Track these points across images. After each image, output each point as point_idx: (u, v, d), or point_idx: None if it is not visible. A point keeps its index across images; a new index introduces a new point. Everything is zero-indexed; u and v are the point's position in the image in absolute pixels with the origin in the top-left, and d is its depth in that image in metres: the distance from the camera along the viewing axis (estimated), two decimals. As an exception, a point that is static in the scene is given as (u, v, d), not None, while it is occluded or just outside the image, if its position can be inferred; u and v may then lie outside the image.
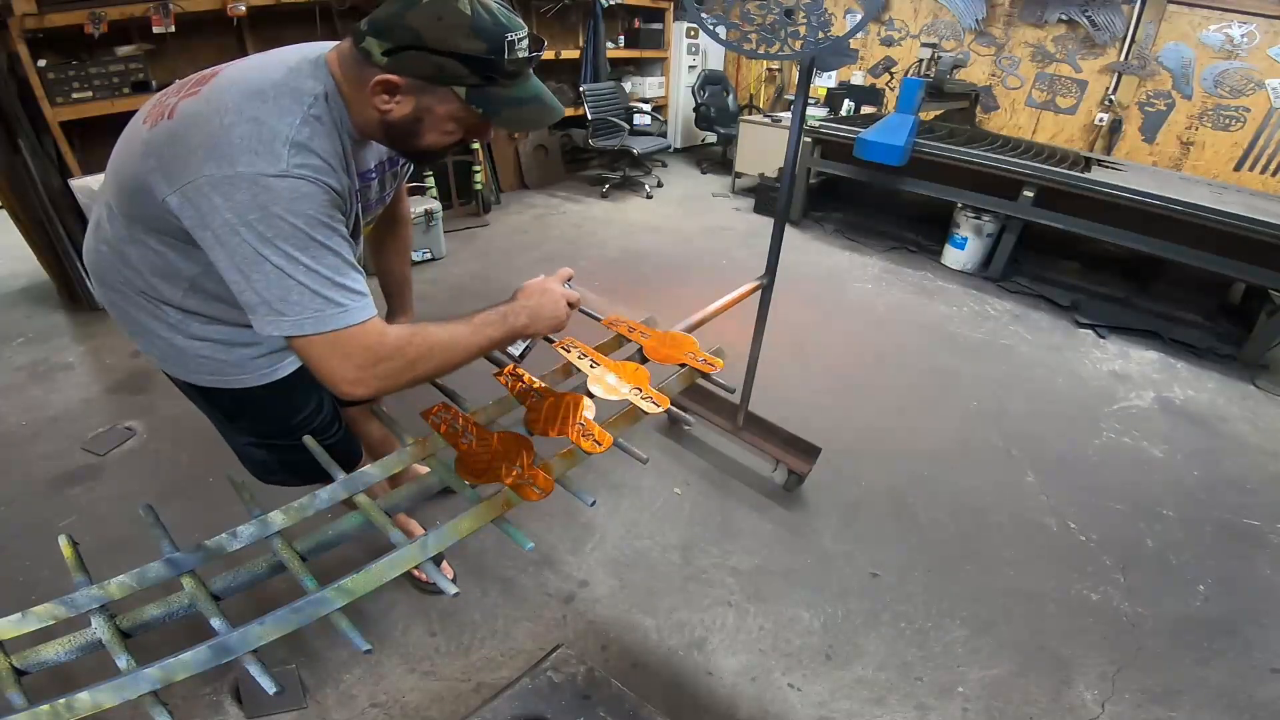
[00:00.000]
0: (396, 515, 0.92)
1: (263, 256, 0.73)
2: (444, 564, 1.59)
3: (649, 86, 6.05)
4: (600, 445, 0.91)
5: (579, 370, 1.10)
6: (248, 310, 0.78)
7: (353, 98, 0.81)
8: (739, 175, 5.25)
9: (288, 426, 1.14)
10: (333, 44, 0.85)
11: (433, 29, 0.73)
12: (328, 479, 0.91)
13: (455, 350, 0.88)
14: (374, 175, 0.99)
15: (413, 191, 3.84)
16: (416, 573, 1.51)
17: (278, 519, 0.83)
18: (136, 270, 0.90)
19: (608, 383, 1.04)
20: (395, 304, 1.46)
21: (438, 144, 0.86)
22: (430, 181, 4.00)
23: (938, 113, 4.74)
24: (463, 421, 0.96)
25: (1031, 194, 3.49)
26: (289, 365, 1.08)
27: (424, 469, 1.03)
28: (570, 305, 1.03)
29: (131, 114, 0.91)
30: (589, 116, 4.90)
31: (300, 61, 0.81)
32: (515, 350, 1.05)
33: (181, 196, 0.74)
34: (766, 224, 3.27)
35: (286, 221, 0.73)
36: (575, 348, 1.13)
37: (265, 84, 0.77)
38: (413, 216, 3.48)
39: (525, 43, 0.79)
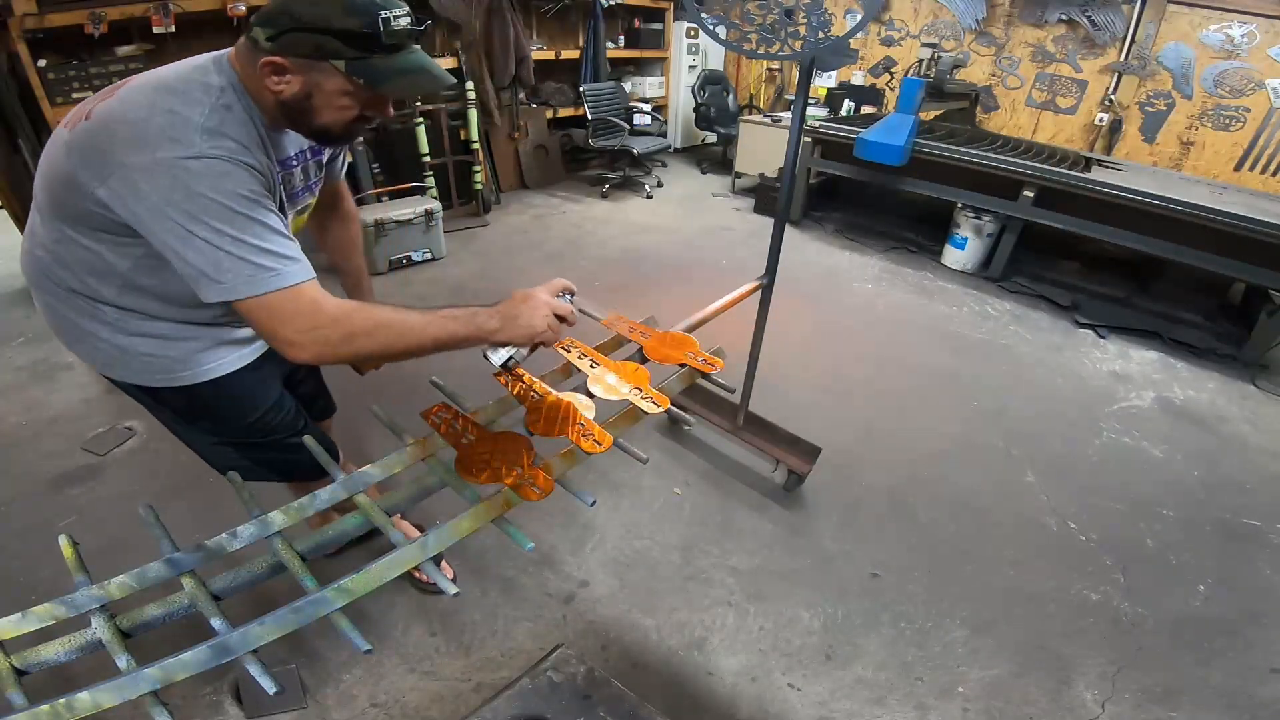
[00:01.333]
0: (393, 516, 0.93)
1: (191, 233, 0.78)
2: (443, 564, 1.59)
3: (649, 86, 6.05)
4: (600, 445, 0.91)
5: (579, 370, 1.10)
6: (190, 283, 0.82)
7: (253, 86, 0.87)
8: (739, 175, 5.25)
9: (248, 423, 1.16)
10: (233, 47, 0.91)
11: (308, 11, 0.80)
12: (315, 476, 0.92)
13: (403, 334, 0.88)
14: (295, 163, 1.02)
15: (413, 191, 3.84)
16: (417, 573, 1.51)
17: (278, 519, 0.83)
18: (71, 270, 0.93)
19: (608, 383, 1.04)
20: (353, 296, 1.46)
21: (336, 121, 0.90)
22: (430, 181, 4.01)
23: (938, 113, 4.74)
24: (463, 421, 0.96)
25: (1031, 194, 3.49)
26: (236, 359, 1.10)
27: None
28: (560, 319, 1.00)
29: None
30: (589, 116, 4.90)
31: (206, 61, 0.88)
32: (496, 359, 1.01)
33: (109, 188, 0.79)
34: (766, 224, 3.27)
35: (208, 198, 0.78)
36: (575, 348, 1.13)
37: (176, 81, 0.84)
38: (413, 217, 3.49)
39: (405, 18, 0.85)
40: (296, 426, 1.22)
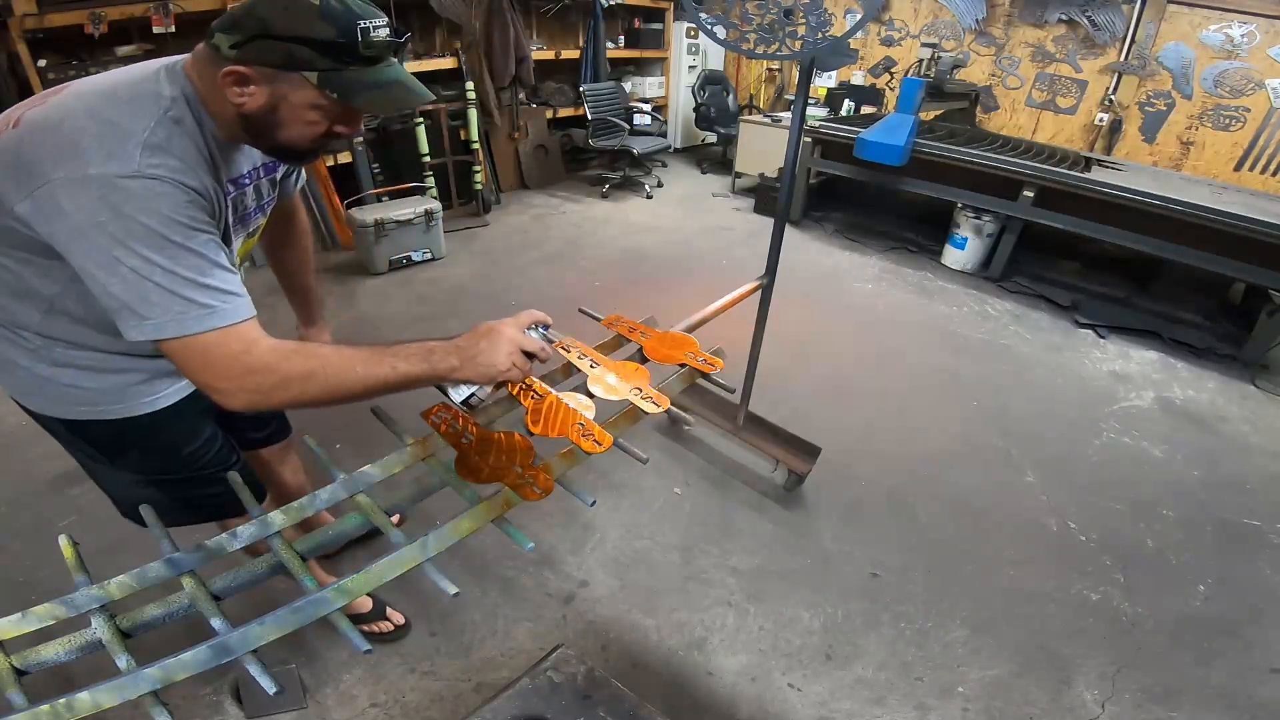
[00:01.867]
0: (309, 562, 0.84)
1: (117, 259, 0.70)
2: (389, 610, 1.55)
3: (649, 86, 6.06)
4: (600, 445, 0.91)
5: (579, 370, 1.10)
6: (112, 315, 0.74)
7: (210, 97, 0.80)
8: (739, 175, 5.25)
9: (180, 459, 1.05)
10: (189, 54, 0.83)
11: (279, 17, 0.73)
12: (235, 514, 0.86)
13: (345, 379, 0.80)
14: (247, 181, 0.94)
15: (413, 191, 3.84)
16: (368, 627, 1.50)
17: (278, 519, 0.83)
18: None
19: (608, 383, 1.04)
20: (302, 314, 1.40)
21: (302, 136, 0.83)
22: (430, 181, 4.01)
23: (938, 113, 4.74)
24: (463, 421, 0.96)
25: (1031, 194, 3.49)
26: (175, 391, 1.00)
27: (331, 518, 0.94)
28: (529, 355, 0.92)
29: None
30: (589, 116, 4.90)
31: (157, 69, 0.80)
32: (456, 396, 0.92)
33: (32, 203, 0.71)
34: (766, 224, 3.27)
35: (139, 222, 0.70)
36: (575, 348, 1.13)
37: (119, 88, 0.77)
38: (413, 217, 3.49)
39: (384, 30, 0.79)
40: (229, 460, 1.12)
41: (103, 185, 0.69)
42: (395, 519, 1.68)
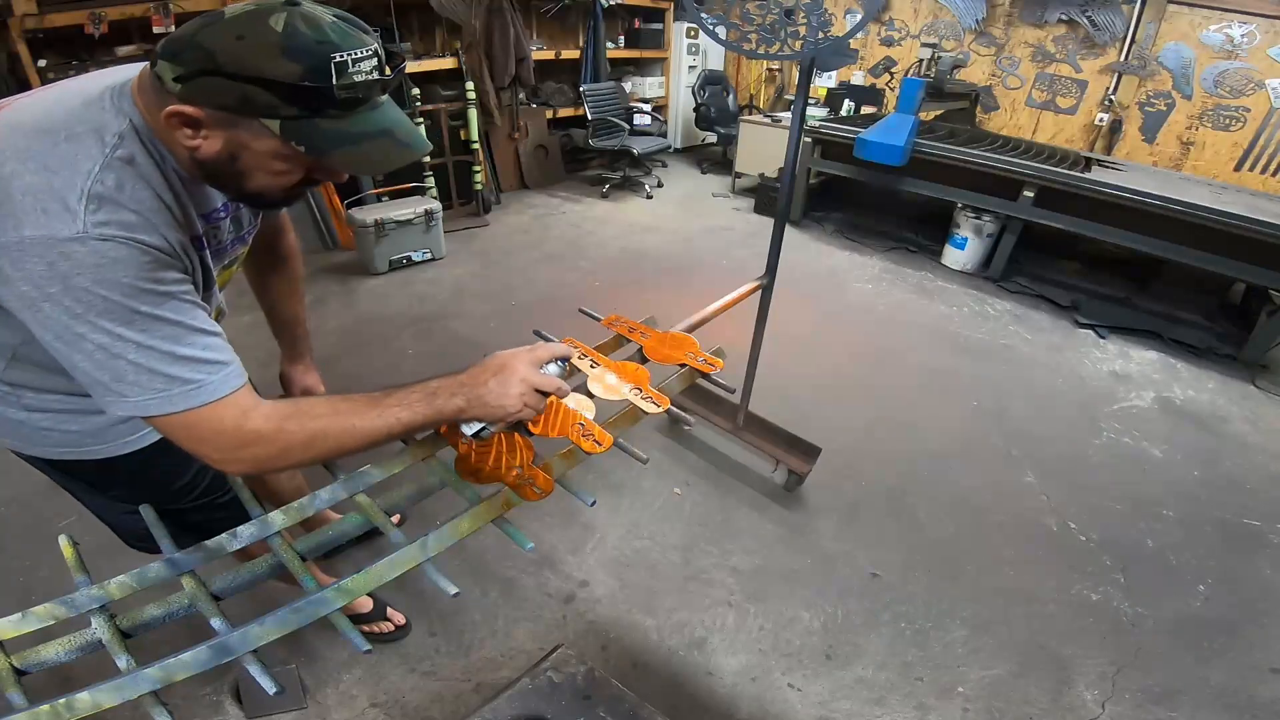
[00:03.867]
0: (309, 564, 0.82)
1: (80, 335, 0.60)
2: (388, 612, 1.54)
3: (649, 86, 6.06)
4: (600, 445, 0.91)
5: (579, 370, 1.10)
6: (84, 386, 0.66)
7: (161, 131, 0.66)
8: (739, 175, 5.25)
9: (171, 492, 0.99)
10: (140, 66, 0.69)
11: (231, 50, 0.59)
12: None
13: (347, 437, 0.73)
14: (224, 214, 0.81)
15: (413, 191, 3.84)
16: (370, 627, 1.49)
17: (278, 519, 0.83)
18: None
19: (608, 383, 1.04)
20: (286, 348, 1.26)
21: (272, 186, 0.71)
22: (430, 181, 4.01)
23: (938, 113, 4.74)
24: (463, 421, 0.96)
25: (1031, 194, 3.49)
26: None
27: (336, 515, 0.91)
28: (541, 393, 0.83)
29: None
30: (589, 116, 4.90)
31: (101, 92, 0.66)
32: (468, 430, 0.87)
33: None
34: (766, 224, 3.27)
35: (96, 294, 0.59)
36: (575, 348, 1.13)
37: (56, 122, 0.63)
38: (413, 217, 3.49)
39: (368, 63, 0.63)
40: (224, 487, 1.03)
41: (45, 250, 0.58)
42: (395, 519, 1.68)
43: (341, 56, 0.61)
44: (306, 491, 1.37)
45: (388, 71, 0.67)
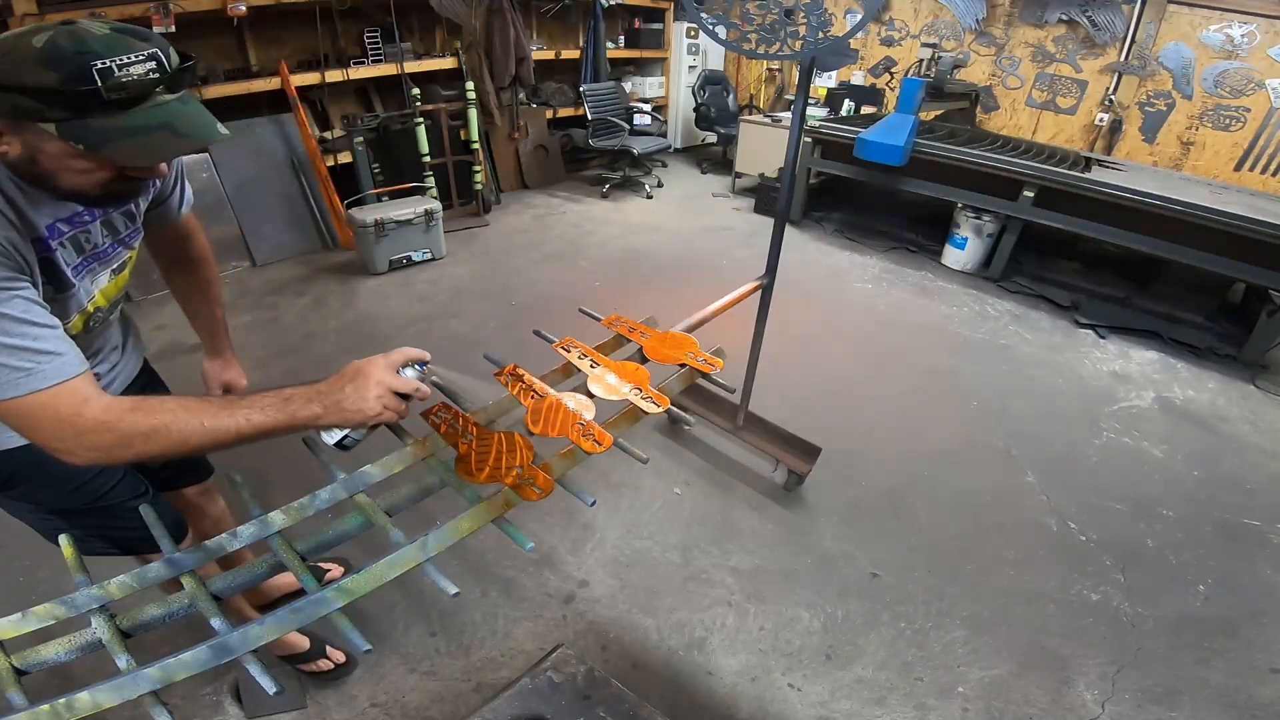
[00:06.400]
0: (231, 599, 0.81)
1: None
2: (327, 650, 1.48)
3: (649, 86, 6.06)
4: (600, 445, 0.91)
5: (579, 370, 1.10)
6: None
7: None
8: (739, 175, 5.25)
9: (69, 492, 0.97)
10: None
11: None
12: (153, 550, 0.82)
13: (193, 434, 0.74)
14: (90, 218, 0.85)
15: (413, 191, 3.84)
16: (307, 666, 1.44)
17: (278, 519, 0.83)
18: None
19: (608, 383, 1.04)
20: (209, 349, 1.31)
21: (87, 184, 0.75)
22: (430, 181, 4.01)
23: (938, 113, 4.74)
24: (463, 421, 0.96)
25: (1031, 194, 3.49)
26: None
27: (252, 556, 0.89)
28: (403, 396, 0.85)
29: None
30: (589, 116, 4.90)
31: None
32: (329, 439, 0.86)
33: None
34: (766, 224, 3.27)
35: None
36: (575, 348, 1.13)
37: None
38: (413, 217, 3.48)
39: (140, 67, 0.68)
40: (136, 490, 1.04)
41: None
42: (339, 570, 1.58)
43: (105, 63, 0.66)
44: (228, 526, 1.27)
45: (168, 71, 0.71)
